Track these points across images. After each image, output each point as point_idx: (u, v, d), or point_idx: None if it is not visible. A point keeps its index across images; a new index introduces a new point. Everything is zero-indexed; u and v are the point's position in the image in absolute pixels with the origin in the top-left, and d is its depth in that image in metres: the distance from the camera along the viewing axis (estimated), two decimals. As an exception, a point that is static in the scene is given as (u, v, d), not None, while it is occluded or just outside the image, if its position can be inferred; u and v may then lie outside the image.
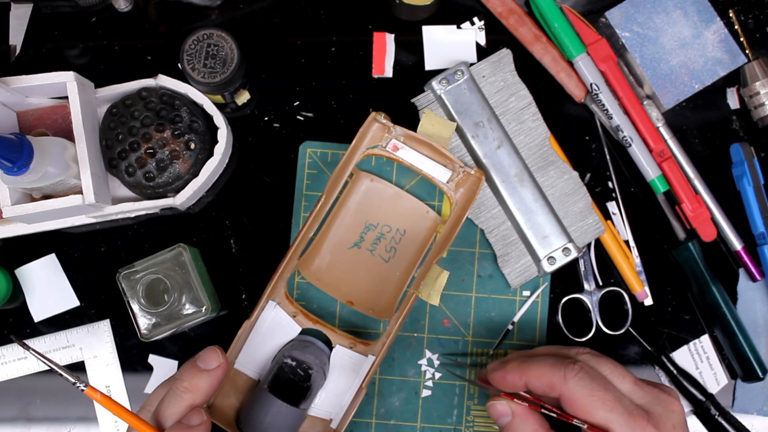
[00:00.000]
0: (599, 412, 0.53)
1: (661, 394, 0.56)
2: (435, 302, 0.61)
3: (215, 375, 0.53)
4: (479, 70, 0.67)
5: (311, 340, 0.63)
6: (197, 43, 0.63)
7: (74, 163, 0.61)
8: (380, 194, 0.66)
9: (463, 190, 0.64)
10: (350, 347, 0.63)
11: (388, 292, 0.65)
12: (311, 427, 0.62)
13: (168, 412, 0.52)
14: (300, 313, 0.64)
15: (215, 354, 0.54)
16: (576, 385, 0.54)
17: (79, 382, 0.49)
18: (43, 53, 0.69)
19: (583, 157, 0.68)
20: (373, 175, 0.66)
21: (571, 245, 0.65)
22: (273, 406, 0.58)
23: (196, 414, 0.52)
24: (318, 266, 0.66)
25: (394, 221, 0.66)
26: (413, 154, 0.64)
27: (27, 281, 0.67)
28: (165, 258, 0.61)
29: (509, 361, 0.58)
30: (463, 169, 0.64)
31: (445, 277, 0.62)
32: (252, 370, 0.62)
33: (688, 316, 0.68)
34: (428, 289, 0.61)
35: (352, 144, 0.63)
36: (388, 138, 0.64)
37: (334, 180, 0.63)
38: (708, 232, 0.66)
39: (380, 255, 0.66)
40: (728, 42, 0.66)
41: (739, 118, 0.69)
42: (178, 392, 0.52)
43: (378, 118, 0.63)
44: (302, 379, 0.61)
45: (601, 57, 0.66)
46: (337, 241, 0.66)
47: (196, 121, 0.64)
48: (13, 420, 0.67)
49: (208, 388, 0.53)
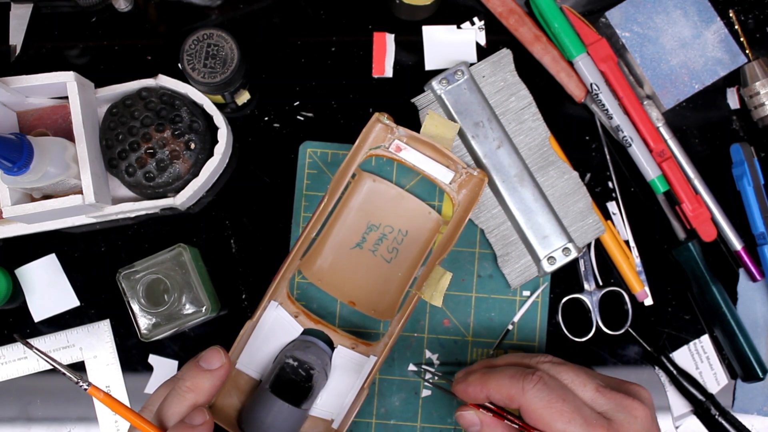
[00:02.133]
0: (557, 423, 0.53)
1: (625, 400, 0.55)
2: (438, 303, 0.61)
3: (218, 375, 0.53)
4: (479, 70, 0.67)
5: (313, 341, 0.63)
6: (197, 43, 0.63)
7: (74, 163, 0.61)
8: (382, 195, 0.66)
9: (465, 191, 0.64)
10: (352, 348, 0.63)
11: (390, 292, 0.65)
12: (313, 427, 0.62)
13: (171, 411, 0.52)
14: (302, 313, 0.64)
15: (218, 354, 0.54)
16: (534, 396, 0.53)
17: (81, 381, 0.49)
18: (43, 53, 0.69)
19: (583, 157, 0.68)
20: (376, 176, 0.66)
21: (571, 245, 0.65)
22: (274, 407, 0.58)
23: (198, 413, 0.52)
24: (320, 266, 0.66)
25: (396, 222, 0.66)
26: (416, 155, 0.64)
27: (27, 281, 0.67)
28: (165, 258, 0.61)
29: (472, 372, 0.58)
30: (465, 170, 0.64)
31: (448, 279, 0.62)
32: (254, 371, 0.62)
33: (688, 316, 0.68)
34: (431, 290, 0.61)
35: (355, 144, 0.63)
36: (391, 139, 0.64)
37: (336, 180, 0.63)
38: (708, 232, 0.66)
39: (382, 256, 0.66)
40: (728, 42, 0.66)
41: (739, 118, 0.69)
42: (180, 392, 0.52)
43: (381, 118, 0.63)
44: (304, 380, 0.61)
45: (601, 57, 0.66)
46: (339, 242, 0.66)
47: (196, 121, 0.64)
48: (13, 420, 0.67)
49: (211, 388, 0.53)
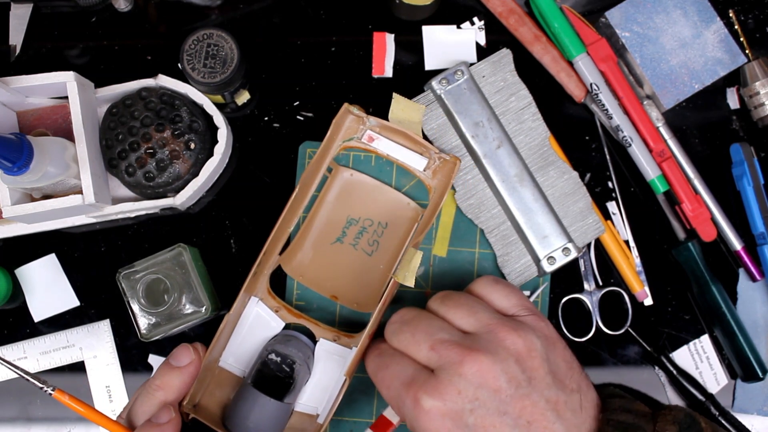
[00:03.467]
0: (382, 390, 0.53)
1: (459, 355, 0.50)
2: (410, 284, 0.61)
3: (187, 372, 0.53)
4: (479, 70, 0.67)
5: (294, 335, 0.63)
6: (197, 43, 0.63)
7: (74, 163, 0.61)
8: (360, 188, 0.66)
9: (440, 176, 0.64)
10: (334, 340, 0.63)
11: (372, 285, 0.65)
12: (298, 422, 0.62)
13: (140, 410, 0.52)
14: (283, 308, 0.64)
15: (187, 351, 0.54)
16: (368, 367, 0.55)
17: (46, 386, 0.50)
18: (43, 53, 0.69)
19: (583, 157, 0.68)
20: (353, 170, 0.66)
21: (571, 245, 0.65)
22: (257, 402, 0.58)
23: (165, 412, 0.52)
24: (300, 262, 0.65)
25: (376, 215, 0.66)
26: (389, 144, 0.64)
27: (27, 281, 0.67)
28: (165, 258, 0.61)
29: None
30: (438, 156, 0.64)
31: (419, 258, 0.61)
32: (237, 368, 0.62)
33: (688, 316, 0.68)
34: (404, 272, 0.61)
35: (326, 136, 0.63)
36: (363, 129, 0.64)
37: (309, 173, 0.63)
38: (708, 232, 0.66)
39: (363, 249, 0.66)
40: (728, 42, 0.66)
41: (739, 118, 0.69)
42: (149, 390, 0.53)
43: (351, 109, 0.63)
44: (287, 375, 0.61)
45: (601, 57, 0.66)
46: (318, 237, 0.66)
47: (196, 121, 0.64)
48: (13, 420, 0.67)
49: (181, 385, 0.53)
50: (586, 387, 0.53)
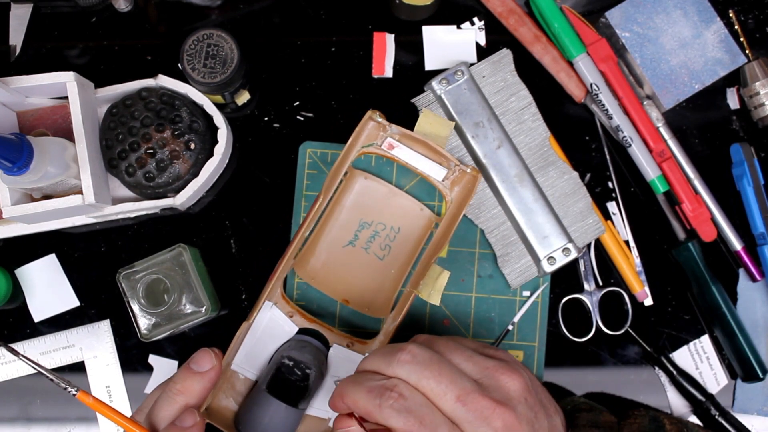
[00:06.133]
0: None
1: (487, 409, 0.49)
2: (436, 302, 0.61)
3: (208, 377, 0.53)
4: (479, 70, 0.67)
5: (309, 340, 0.63)
6: (197, 43, 0.63)
7: (74, 163, 0.61)
8: (374, 192, 0.66)
9: (458, 188, 0.64)
10: (348, 346, 0.63)
11: (383, 290, 0.65)
12: (310, 426, 0.62)
13: (161, 414, 0.52)
14: (297, 312, 0.64)
15: (208, 356, 0.54)
16: (391, 417, 0.48)
17: (70, 386, 0.49)
18: (43, 53, 0.69)
19: (583, 157, 0.68)
20: (368, 174, 0.67)
21: (571, 245, 0.65)
22: (271, 407, 0.58)
23: (189, 415, 0.52)
24: (313, 265, 0.66)
25: (389, 219, 0.66)
26: (409, 153, 0.64)
27: (27, 281, 0.67)
28: (165, 258, 0.61)
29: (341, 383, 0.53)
30: (458, 168, 0.64)
31: (445, 277, 0.62)
32: (250, 371, 0.62)
33: (688, 316, 0.68)
34: (428, 289, 0.61)
35: (348, 143, 0.63)
36: (384, 136, 0.64)
37: (331, 178, 0.63)
38: (708, 232, 0.66)
39: (375, 253, 0.66)
40: (728, 42, 0.66)
41: (739, 118, 0.69)
42: (171, 394, 0.52)
43: (374, 116, 0.63)
44: (300, 379, 0.61)
45: (601, 57, 0.66)
46: (331, 240, 0.66)
47: (196, 121, 0.64)
48: (13, 420, 0.67)
49: (201, 390, 0.53)
50: (556, 406, 0.55)
